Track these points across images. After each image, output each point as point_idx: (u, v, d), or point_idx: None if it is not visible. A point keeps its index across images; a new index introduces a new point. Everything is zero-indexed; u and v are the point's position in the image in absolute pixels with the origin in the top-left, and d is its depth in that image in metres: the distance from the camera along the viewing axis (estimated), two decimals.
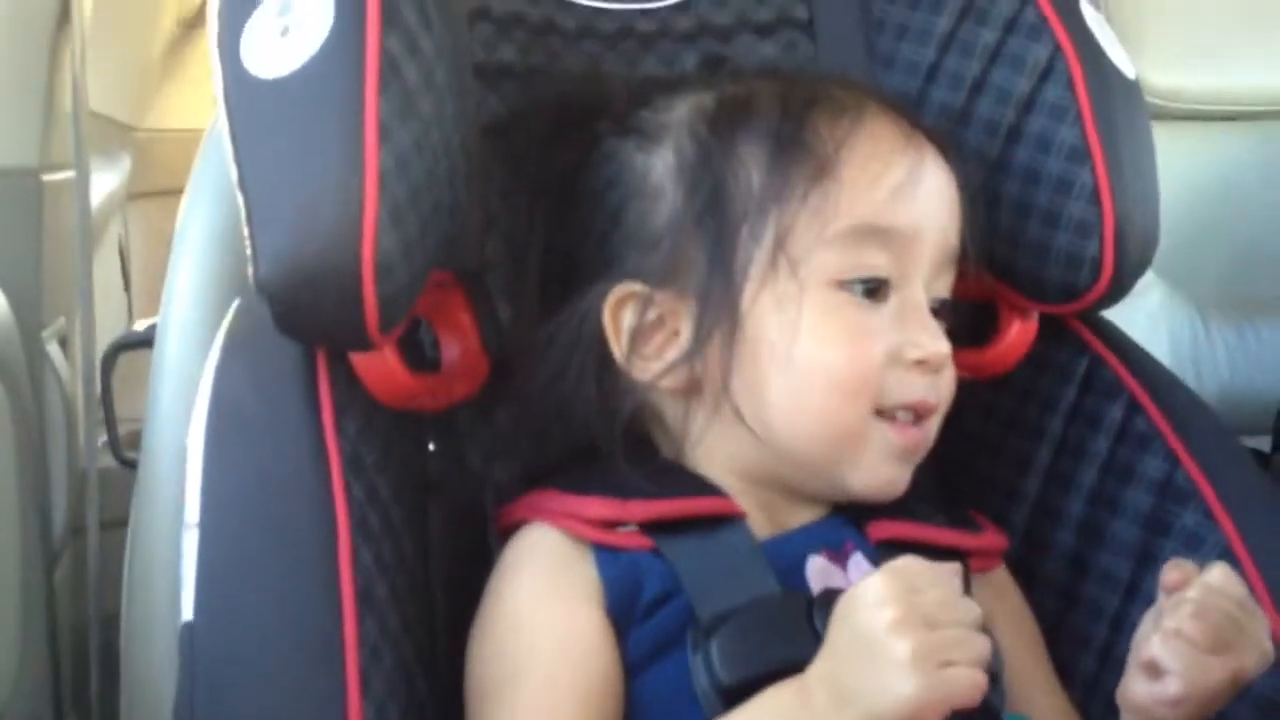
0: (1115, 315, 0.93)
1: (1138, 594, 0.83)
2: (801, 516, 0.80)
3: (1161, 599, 0.72)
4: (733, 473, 0.79)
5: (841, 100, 0.79)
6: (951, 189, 0.81)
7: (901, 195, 0.77)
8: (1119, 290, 0.87)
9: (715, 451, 0.79)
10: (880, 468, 0.77)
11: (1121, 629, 0.83)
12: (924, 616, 0.65)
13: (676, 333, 0.78)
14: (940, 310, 0.80)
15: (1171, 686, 0.68)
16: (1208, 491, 0.83)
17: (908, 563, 0.68)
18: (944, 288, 0.81)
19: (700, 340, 0.77)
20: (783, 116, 0.78)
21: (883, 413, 0.77)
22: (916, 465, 0.80)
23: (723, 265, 0.76)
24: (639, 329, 0.78)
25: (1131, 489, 0.85)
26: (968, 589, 0.80)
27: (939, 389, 0.79)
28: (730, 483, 0.78)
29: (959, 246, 0.81)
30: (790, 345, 0.76)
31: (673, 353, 0.78)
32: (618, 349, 0.79)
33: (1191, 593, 0.70)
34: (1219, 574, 0.71)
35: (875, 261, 0.76)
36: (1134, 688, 0.70)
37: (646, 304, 0.78)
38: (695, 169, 0.78)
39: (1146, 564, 0.83)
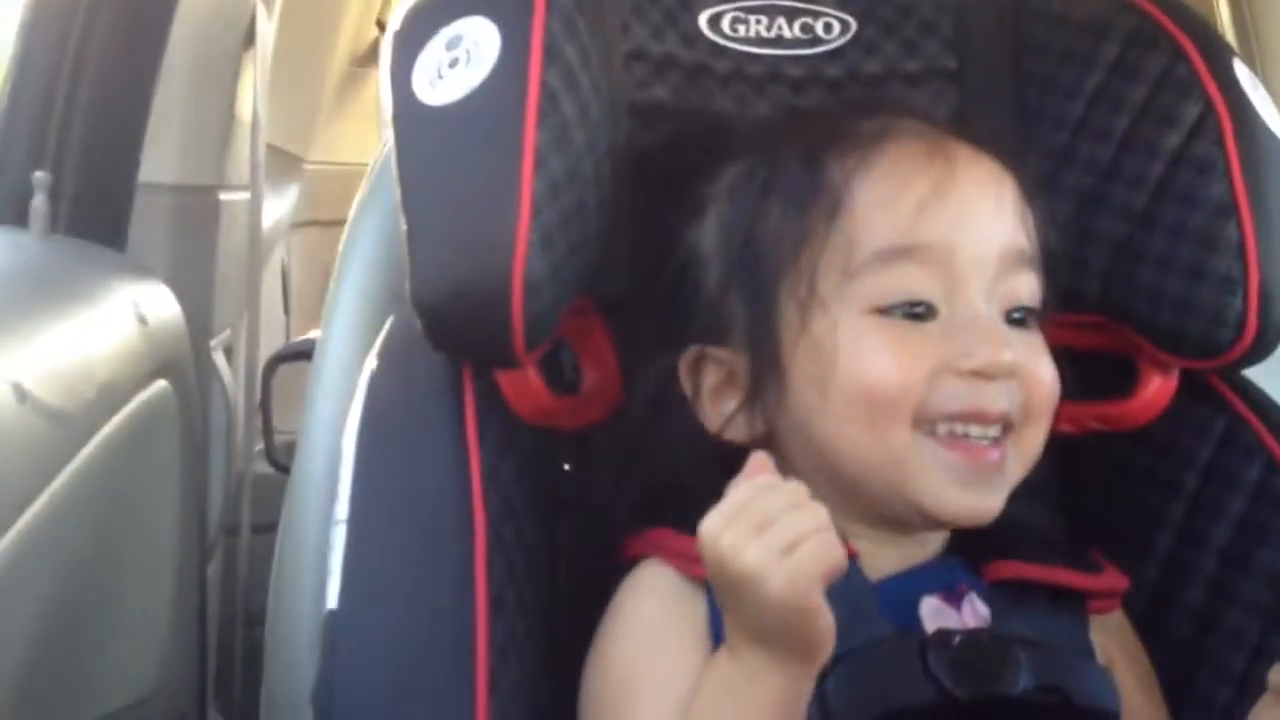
0: (1262, 378, 0.92)
1: (1265, 655, 0.82)
2: (916, 554, 0.80)
3: None
4: (834, 513, 0.77)
5: (860, 132, 0.79)
6: (1001, 192, 0.79)
7: (926, 211, 0.77)
8: (1262, 348, 0.86)
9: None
10: (947, 492, 0.75)
11: (1247, 690, 0.81)
12: (752, 526, 0.66)
13: (742, 387, 0.80)
14: (1026, 319, 0.78)
15: None
16: None
17: (726, 498, 0.68)
18: (1020, 292, 0.78)
19: (753, 391, 0.79)
20: (800, 164, 0.79)
21: (937, 429, 0.75)
22: (1019, 483, 0.78)
23: (760, 318, 0.78)
24: (712, 388, 0.81)
25: (1266, 549, 0.84)
26: (1085, 629, 0.80)
27: (1022, 400, 0.76)
28: (838, 523, 0.77)
29: (1027, 247, 0.79)
30: (827, 378, 0.76)
31: (733, 405, 0.80)
32: (695, 405, 0.81)
33: None
34: None
35: (910, 282, 0.76)
36: (1263, 713, 0.69)
37: (712, 363, 0.80)
38: (731, 233, 0.80)
39: (1277, 625, 0.82)
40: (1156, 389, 0.90)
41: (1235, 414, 0.89)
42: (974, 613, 0.78)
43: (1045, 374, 0.78)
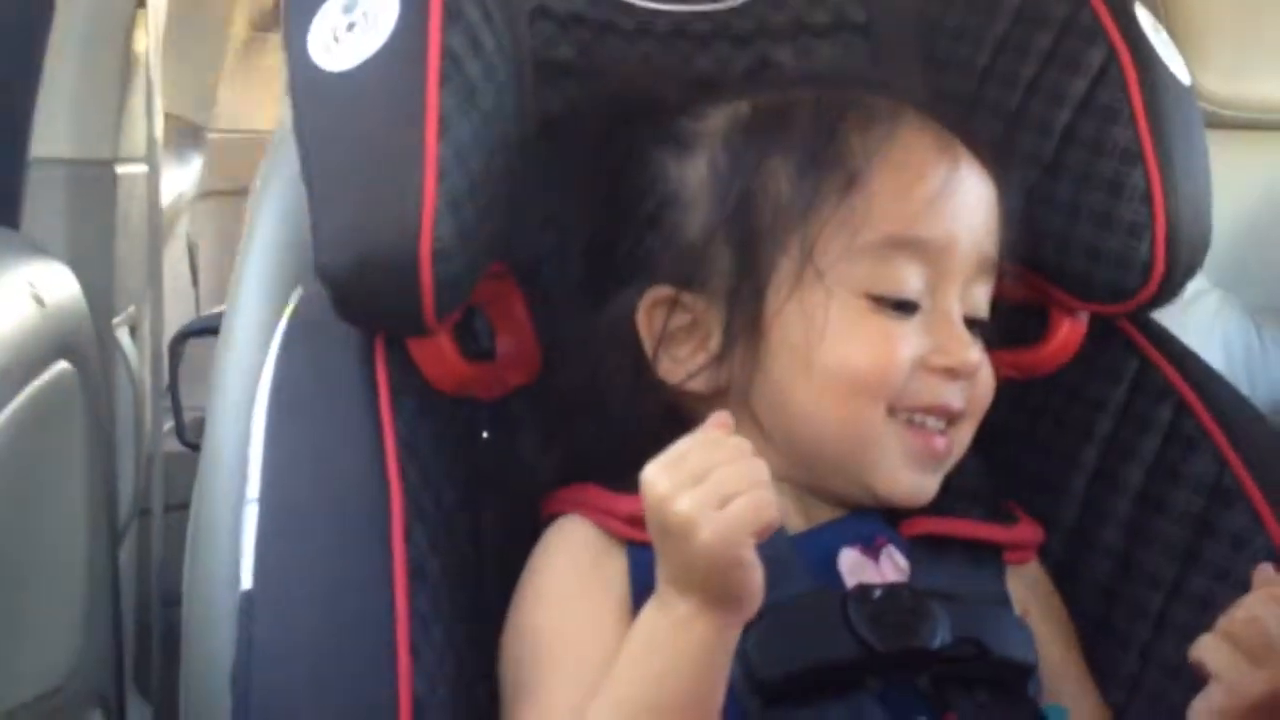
0: (1169, 321, 0.93)
1: (1181, 594, 0.83)
2: (833, 512, 0.80)
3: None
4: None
5: (876, 109, 0.80)
6: (989, 198, 0.81)
7: (934, 206, 0.78)
8: (1169, 291, 0.87)
9: None
10: (901, 473, 0.78)
11: (1164, 629, 0.83)
12: (690, 475, 0.66)
13: (708, 337, 0.79)
14: (975, 325, 0.80)
15: (1215, 693, 0.68)
16: (1255, 493, 0.83)
17: (671, 447, 0.68)
18: (980, 301, 0.81)
19: (727, 346, 0.78)
20: (815, 127, 0.79)
21: (899, 415, 0.77)
22: (950, 469, 0.80)
23: (749, 273, 0.78)
24: (670, 332, 0.80)
25: (1179, 489, 0.85)
26: (1002, 581, 0.81)
27: (968, 396, 0.79)
28: None
29: (995, 257, 0.81)
30: (813, 351, 0.77)
31: (702, 357, 0.79)
32: (650, 351, 0.80)
33: (1251, 598, 0.70)
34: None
35: (907, 275, 0.77)
36: (1195, 700, 0.69)
37: (678, 308, 0.80)
38: (726, 178, 0.79)
39: (1192, 564, 0.83)
40: (1066, 334, 0.91)
41: (1145, 358, 0.90)
42: (892, 565, 0.78)
43: (987, 376, 0.80)
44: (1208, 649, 0.69)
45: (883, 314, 0.77)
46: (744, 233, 0.78)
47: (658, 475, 0.67)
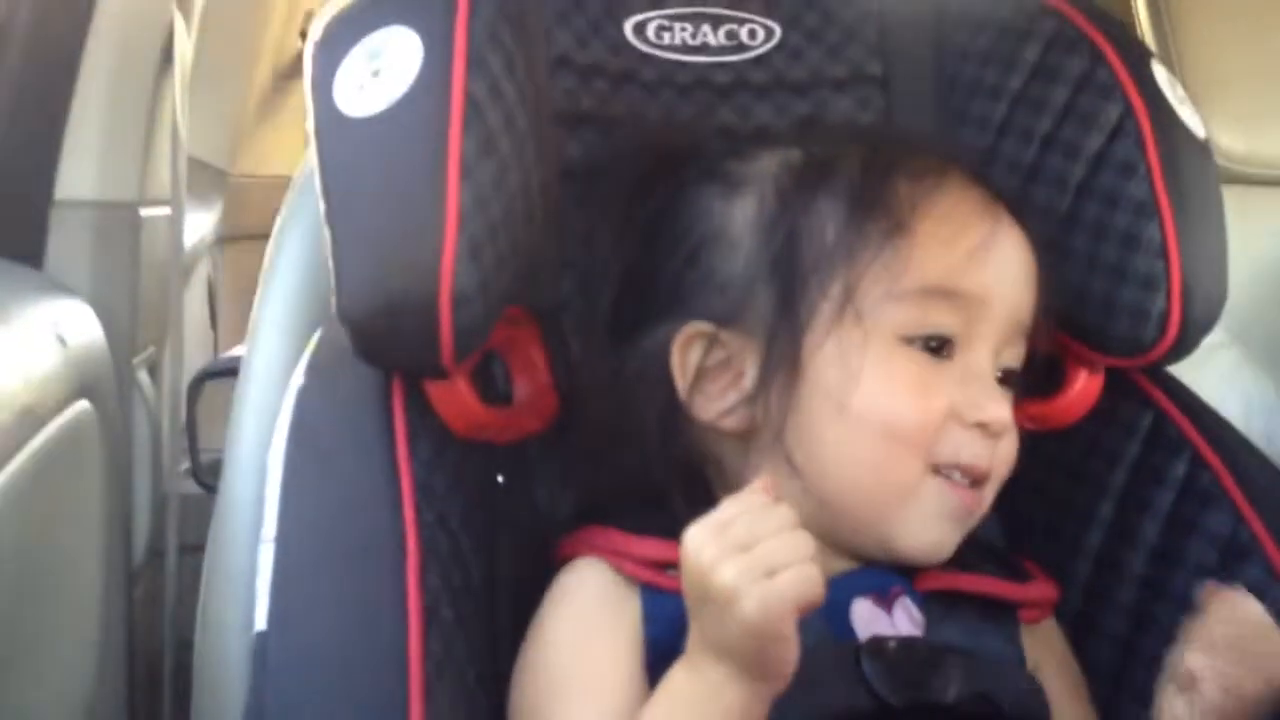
0: (1187, 375, 0.93)
1: None
2: (848, 563, 0.80)
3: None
4: None
5: (924, 165, 0.81)
6: (1027, 261, 0.82)
7: (975, 260, 0.78)
8: (1185, 345, 0.87)
9: None
10: (930, 527, 0.78)
11: None
12: (736, 544, 0.65)
13: (741, 375, 0.80)
14: (1007, 380, 0.81)
15: (1209, 692, 0.68)
16: (1271, 548, 0.82)
17: (715, 511, 0.68)
18: (1013, 359, 0.81)
19: (762, 384, 0.78)
20: (864, 175, 0.80)
21: (938, 470, 0.77)
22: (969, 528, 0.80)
23: (789, 311, 0.78)
24: (704, 368, 0.80)
25: (1194, 544, 0.85)
26: (1016, 638, 0.81)
27: (997, 456, 0.79)
28: None
29: (1030, 320, 0.82)
30: (849, 394, 0.77)
31: (735, 395, 0.79)
32: (682, 387, 0.80)
33: (1213, 613, 0.71)
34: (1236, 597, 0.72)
35: (942, 321, 0.78)
36: (1173, 707, 0.69)
37: (714, 344, 0.80)
38: (774, 217, 0.80)
39: None
40: (1083, 387, 0.92)
41: (1160, 411, 0.90)
42: (906, 616, 0.78)
43: (1013, 440, 0.80)
44: (1196, 658, 0.69)
45: (918, 359, 0.77)
46: (788, 271, 0.79)
47: (703, 541, 0.66)
